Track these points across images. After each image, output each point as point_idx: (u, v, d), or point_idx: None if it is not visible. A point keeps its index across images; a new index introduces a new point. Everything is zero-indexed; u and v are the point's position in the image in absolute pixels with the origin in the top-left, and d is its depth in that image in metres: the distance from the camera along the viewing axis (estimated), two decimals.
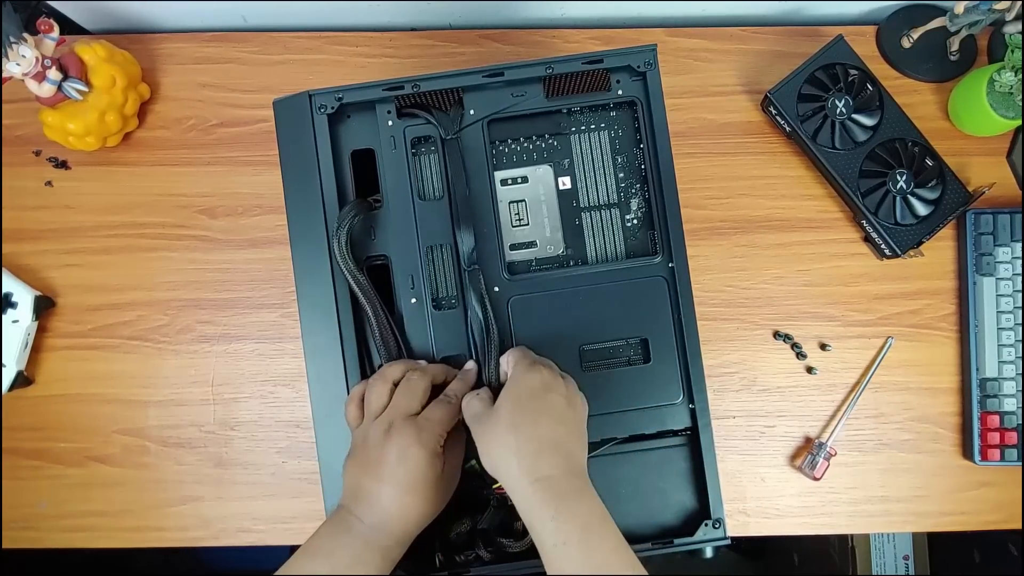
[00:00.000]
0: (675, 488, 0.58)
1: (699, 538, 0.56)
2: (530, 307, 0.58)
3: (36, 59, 0.66)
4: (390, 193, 0.59)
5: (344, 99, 0.58)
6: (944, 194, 0.72)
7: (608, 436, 0.57)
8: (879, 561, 1.08)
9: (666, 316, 0.58)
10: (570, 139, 0.62)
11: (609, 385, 0.57)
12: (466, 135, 0.60)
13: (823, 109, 0.73)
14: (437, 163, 0.60)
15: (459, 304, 0.58)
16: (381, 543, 0.49)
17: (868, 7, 0.80)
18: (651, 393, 0.58)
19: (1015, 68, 0.70)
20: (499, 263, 0.58)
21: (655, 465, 0.58)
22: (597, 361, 0.58)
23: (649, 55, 0.59)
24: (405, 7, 0.78)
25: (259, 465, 0.73)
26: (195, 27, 0.80)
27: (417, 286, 0.59)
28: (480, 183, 0.59)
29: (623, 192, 0.61)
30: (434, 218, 0.59)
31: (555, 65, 0.58)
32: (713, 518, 0.56)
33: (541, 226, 0.61)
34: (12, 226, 0.76)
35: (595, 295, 0.58)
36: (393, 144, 0.59)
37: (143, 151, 0.77)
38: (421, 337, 0.58)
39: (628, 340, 0.58)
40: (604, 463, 0.58)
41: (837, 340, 0.75)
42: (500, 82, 0.59)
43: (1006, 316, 0.73)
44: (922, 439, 0.74)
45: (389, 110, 0.59)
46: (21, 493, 0.73)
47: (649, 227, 0.61)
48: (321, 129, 0.58)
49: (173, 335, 0.75)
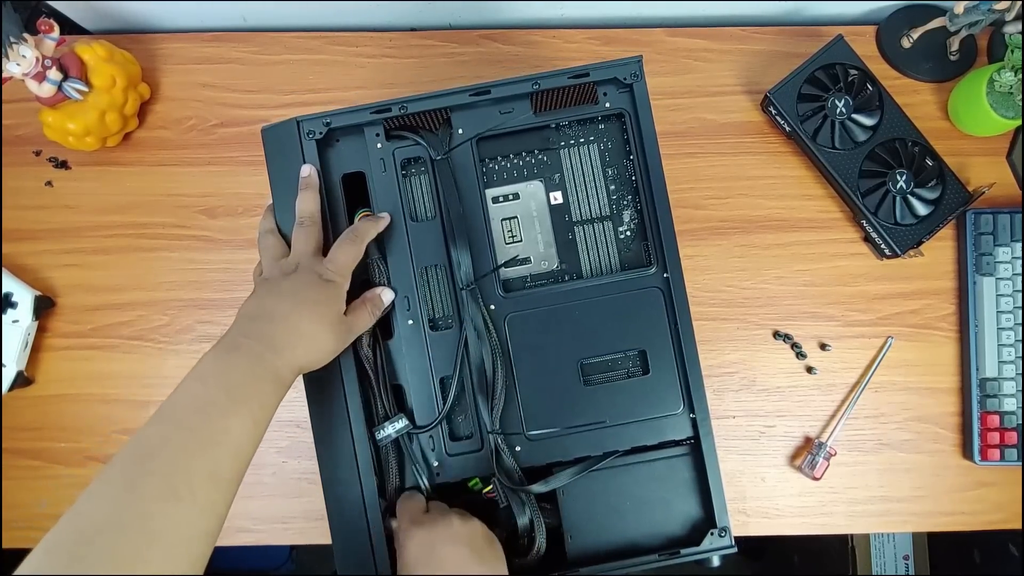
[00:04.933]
0: (679, 498, 0.58)
1: (706, 547, 0.55)
2: (527, 324, 0.58)
3: (36, 59, 0.66)
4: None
5: (332, 124, 0.58)
6: (944, 194, 0.72)
7: (610, 449, 0.57)
8: (879, 561, 1.08)
9: (663, 327, 0.58)
10: (560, 154, 0.62)
11: (610, 398, 0.57)
12: (456, 154, 0.59)
13: (823, 109, 0.73)
14: (428, 184, 0.60)
15: (456, 324, 0.58)
16: (275, 364, 0.48)
17: (868, 7, 0.80)
18: (652, 404, 0.57)
19: (1015, 68, 0.70)
20: (494, 281, 0.58)
21: (658, 476, 0.58)
22: (597, 375, 0.58)
23: (635, 67, 0.59)
24: (405, 7, 0.78)
25: (259, 465, 0.73)
26: (195, 27, 0.81)
27: (413, 308, 0.58)
28: (471, 201, 0.59)
29: (615, 204, 0.61)
30: (427, 239, 0.59)
31: (541, 81, 0.57)
32: (719, 527, 0.56)
33: (534, 242, 0.61)
34: (12, 226, 0.76)
35: (591, 309, 0.58)
36: (383, 166, 0.59)
37: (143, 151, 0.77)
38: (419, 359, 0.58)
39: (627, 352, 0.58)
40: (607, 476, 0.57)
41: (837, 340, 0.75)
42: (487, 100, 0.58)
43: (1006, 316, 0.73)
44: (922, 439, 0.74)
45: (378, 132, 0.59)
46: (21, 493, 0.73)
47: (642, 238, 0.60)
48: (310, 155, 0.58)
49: (173, 335, 0.75)
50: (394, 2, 0.77)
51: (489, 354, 0.57)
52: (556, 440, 0.57)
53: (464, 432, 0.58)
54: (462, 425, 0.59)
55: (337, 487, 0.55)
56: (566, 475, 0.56)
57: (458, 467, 0.58)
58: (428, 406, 0.58)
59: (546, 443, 0.57)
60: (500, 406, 0.56)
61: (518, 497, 0.55)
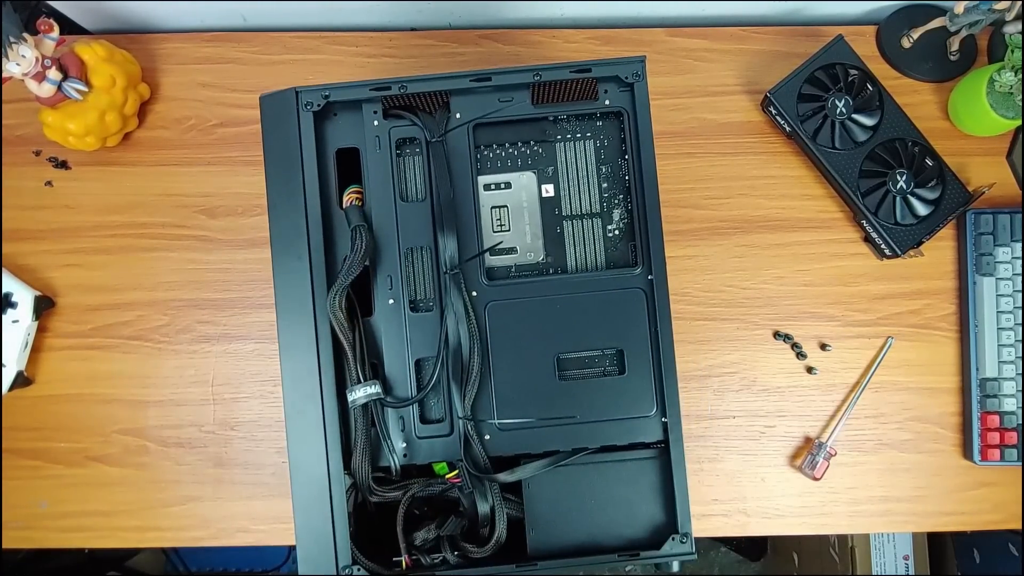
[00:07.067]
0: (644, 501, 0.58)
1: (666, 552, 0.56)
2: (507, 313, 0.58)
3: (36, 59, 0.66)
4: (372, 193, 0.59)
5: (331, 97, 0.58)
6: (944, 194, 0.72)
7: (580, 446, 0.57)
8: (879, 561, 1.08)
9: (643, 328, 0.58)
10: (555, 147, 0.62)
11: (584, 395, 0.58)
12: (451, 138, 0.60)
13: (823, 109, 0.73)
14: (421, 165, 0.60)
15: (436, 307, 0.58)
16: None
17: (868, 7, 0.80)
18: (625, 405, 0.57)
19: (1015, 68, 0.70)
20: (478, 267, 0.58)
21: (625, 477, 0.58)
22: (573, 370, 0.58)
23: (638, 67, 0.59)
24: (405, 7, 0.78)
25: (259, 465, 0.73)
26: (195, 27, 0.80)
27: (395, 287, 0.59)
28: (463, 187, 0.59)
29: (606, 202, 0.61)
30: (415, 220, 0.59)
31: (543, 72, 0.57)
32: (680, 532, 0.56)
33: (522, 233, 0.61)
34: (12, 226, 0.76)
35: (573, 304, 0.58)
36: (378, 144, 0.60)
37: (143, 151, 0.77)
38: (397, 339, 0.58)
39: (604, 351, 0.58)
40: (575, 473, 0.58)
41: (837, 340, 0.75)
42: (488, 87, 0.59)
43: (1006, 316, 0.72)
44: (922, 439, 0.74)
45: (375, 110, 0.59)
46: (21, 493, 0.73)
47: (630, 238, 0.60)
48: (307, 126, 0.58)
49: (173, 335, 0.75)
50: (394, 2, 0.77)
51: (467, 340, 0.57)
52: (526, 432, 0.57)
53: (435, 416, 0.59)
54: (434, 408, 0.59)
55: (303, 449, 0.55)
56: (533, 467, 0.56)
57: (426, 450, 0.58)
58: (402, 386, 0.58)
59: (516, 434, 0.57)
60: (473, 393, 0.57)
61: (482, 485, 0.56)
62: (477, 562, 0.56)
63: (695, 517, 0.58)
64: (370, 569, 0.55)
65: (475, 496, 0.56)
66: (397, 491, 0.57)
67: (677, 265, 0.75)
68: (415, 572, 0.56)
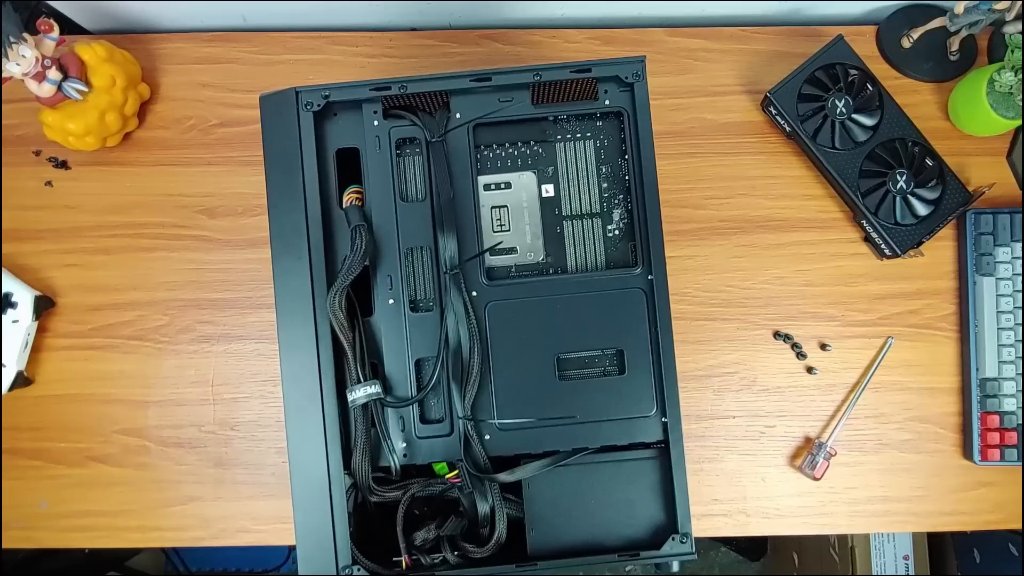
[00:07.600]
0: (644, 501, 0.58)
1: (666, 552, 0.56)
2: (507, 313, 0.58)
3: (36, 59, 0.66)
4: (372, 193, 0.59)
5: (331, 97, 0.58)
6: (944, 194, 0.72)
7: (580, 446, 0.57)
8: (879, 561, 1.08)
9: (643, 328, 0.58)
10: (555, 147, 0.62)
11: (584, 395, 0.57)
12: (451, 138, 0.60)
13: (823, 109, 0.73)
14: (421, 165, 0.60)
15: (436, 307, 0.58)
16: None
17: (868, 7, 0.80)
18: (625, 405, 0.57)
19: (1015, 68, 0.70)
20: (478, 267, 0.58)
21: (625, 477, 0.58)
22: (573, 370, 0.58)
23: (638, 67, 0.59)
24: (405, 7, 0.78)
25: (259, 465, 0.73)
26: (195, 27, 0.81)
27: (395, 287, 0.59)
28: (463, 187, 0.59)
29: (606, 202, 0.61)
30: (415, 220, 0.59)
31: (543, 72, 0.57)
32: (680, 532, 0.56)
33: (522, 233, 0.61)
34: (12, 226, 0.76)
35: (573, 304, 0.58)
36: (378, 144, 0.60)
37: (143, 151, 0.77)
38: (397, 339, 0.58)
39: (604, 351, 0.58)
40: (575, 473, 0.58)
41: (837, 340, 0.75)
42: (488, 87, 0.59)
43: (1006, 316, 0.73)
44: (922, 439, 0.74)
45: (376, 110, 0.60)
46: (21, 493, 0.73)
47: (630, 239, 0.60)
48: (307, 126, 0.58)
49: (173, 335, 0.75)
50: (394, 2, 0.77)
51: (467, 340, 0.57)
52: (526, 432, 0.57)
53: (435, 416, 0.59)
54: (434, 408, 0.59)
55: (303, 449, 0.55)
56: (533, 467, 0.57)
57: (426, 450, 0.58)
58: (402, 386, 0.58)
59: (516, 434, 0.57)
60: (473, 393, 0.57)
61: (482, 485, 0.56)
62: (477, 562, 0.56)
63: (695, 517, 0.58)
64: (370, 569, 0.55)
65: (475, 496, 0.56)
66: (397, 491, 0.57)
67: (677, 265, 0.75)
68: (415, 572, 0.56)
